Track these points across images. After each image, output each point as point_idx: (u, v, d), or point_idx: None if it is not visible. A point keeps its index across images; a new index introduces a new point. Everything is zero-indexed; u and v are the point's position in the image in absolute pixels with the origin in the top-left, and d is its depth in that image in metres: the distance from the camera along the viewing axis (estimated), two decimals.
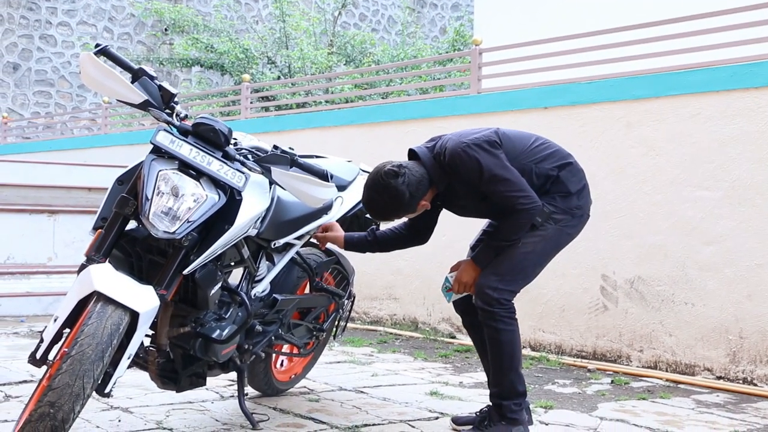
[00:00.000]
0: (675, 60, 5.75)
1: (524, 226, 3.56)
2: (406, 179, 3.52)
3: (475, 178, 3.53)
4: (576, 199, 3.69)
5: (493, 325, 3.57)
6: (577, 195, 3.69)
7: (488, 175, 3.51)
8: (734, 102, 5.08)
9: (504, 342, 3.58)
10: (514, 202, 3.51)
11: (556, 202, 3.64)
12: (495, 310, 3.56)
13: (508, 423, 3.60)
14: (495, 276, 3.59)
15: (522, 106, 6.22)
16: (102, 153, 10.60)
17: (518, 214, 3.53)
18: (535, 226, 3.60)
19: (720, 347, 5.10)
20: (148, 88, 3.23)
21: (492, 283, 3.58)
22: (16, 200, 7.56)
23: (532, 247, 3.61)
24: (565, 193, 3.66)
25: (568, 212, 3.66)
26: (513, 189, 3.51)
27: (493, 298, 3.56)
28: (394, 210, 3.59)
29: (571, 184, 3.68)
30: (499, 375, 3.63)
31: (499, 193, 3.53)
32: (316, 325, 4.32)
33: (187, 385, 3.53)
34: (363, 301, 7.21)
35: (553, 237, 3.64)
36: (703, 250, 5.18)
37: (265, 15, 18.38)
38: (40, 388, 2.81)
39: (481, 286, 3.60)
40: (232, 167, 3.20)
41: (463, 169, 3.54)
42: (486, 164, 3.51)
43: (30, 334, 6.43)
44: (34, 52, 16.30)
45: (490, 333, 3.59)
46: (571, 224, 3.69)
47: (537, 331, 6.01)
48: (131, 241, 3.24)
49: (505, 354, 3.59)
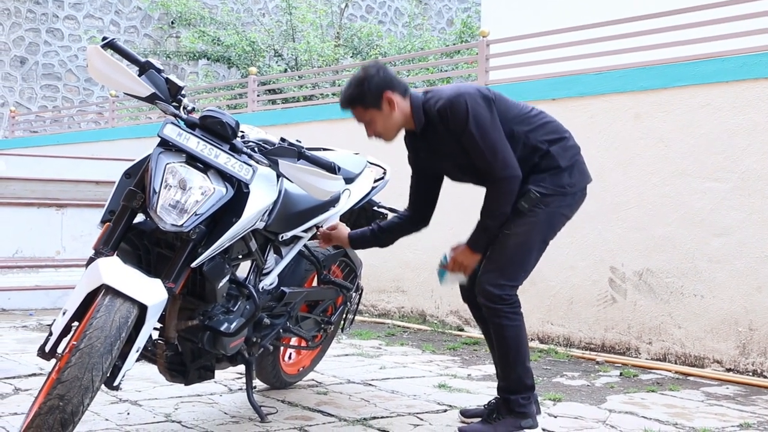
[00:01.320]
0: (684, 50, 5.72)
1: (506, 197, 3.47)
2: (384, 72, 3.55)
3: (460, 126, 3.46)
4: (568, 176, 3.59)
5: (498, 322, 3.58)
6: (568, 171, 3.60)
7: (474, 126, 3.43)
8: (744, 92, 5.06)
9: (509, 337, 3.58)
10: (487, 167, 3.45)
11: (546, 183, 3.54)
12: (498, 306, 3.56)
13: (517, 417, 3.60)
14: (495, 272, 3.56)
15: (530, 97, 6.18)
16: (109, 146, 10.62)
17: (497, 184, 3.47)
18: (523, 213, 3.53)
19: (730, 339, 5.08)
20: (156, 81, 3.23)
21: (493, 280, 3.56)
22: (24, 194, 7.57)
23: (525, 237, 3.56)
24: (555, 169, 3.56)
25: (560, 191, 3.57)
26: (486, 150, 3.45)
27: (495, 294, 3.55)
28: (358, 89, 3.54)
29: (562, 159, 3.58)
30: (506, 369, 3.63)
31: (478, 151, 3.45)
32: (324, 317, 4.32)
33: (195, 378, 3.53)
34: (371, 294, 7.21)
35: (546, 221, 3.58)
36: (713, 241, 5.16)
37: (271, 7, 18.36)
38: (50, 381, 2.82)
39: (483, 283, 3.58)
40: (239, 160, 3.19)
41: (451, 116, 3.47)
42: (474, 114, 3.44)
43: (39, 328, 6.45)
44: (41, 46, 16.31)
45: (495, 329, 3.60)
46: (565, 203, 3.61)
47: (545, 323, 6.00)
48: (139, 234, 3.24)
49: (511, 349, 3.59)
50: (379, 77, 3.54)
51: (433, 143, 3.64)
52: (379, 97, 3.53)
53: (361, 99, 3.56)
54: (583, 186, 3.68)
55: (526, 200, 3.52)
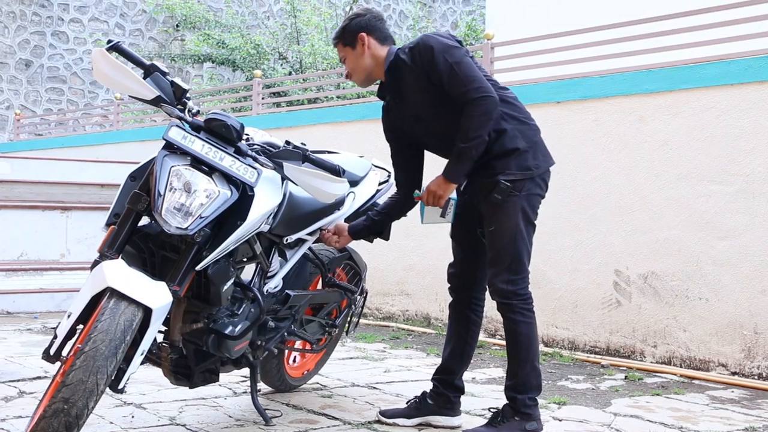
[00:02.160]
0: (688, 53, 5.71)
1: (481, 119, 3.43)
2: (370, 17, 3.70)
3: (428, 58, 3.48)
4: (531, 158, 3.58)
5: (512, 317, 3.57)
6: (531, 153, 3.59)
7: (445, 55, 3.46)
8: (748, 95, 5.05)
9: (521, 333, 3.57)
10: (464, 89, 3.43)
11: (512, 169, 3.53)
12: (513, 302, 3.56)
13: (522, 418, 3.56)
14: (502, 272, 3.56)
15: (534, 100, 6.18)
16: (114, 149, 10.63)
17: (469, 105, 3.43)
18: (501, 205, 3.53)
19: (735, 343, 5.07)
20: (160, 84, 3.23)
21: (503, 277, 3.56)
22: (29, 197, 7.58)
23: (513, 228, 3.55)
24: (515, 151, 3.55)
25: (528, 174, 3.55)
26: (466, 76, 3.44)
27: (509, 290, 3.56)
28: (341, 26, 3.72)
29: (519, 141, 3.57)
30: (515, 367, 3.61)
31: (452, 78, 3.45)
32: (328, 320, 4.31)
33: (199, 381, 3.53)
34: (375, 297, 7.21)
35: (525, 205, 3.57)
36: (717, 244, 5.15)
37: (276, 10, 18.37)
38: (54, 385, 2.82)
39: (495, 284, 3.58)
40: (244, 163, 3.20)
41: (423, 50, 3.50)
42: (444, 46, 3.48)
43: (43, 331, 6.45)
44: (47, 49, 16.34)
45: (509, 325, 3.59)
46: (535, 184, 3.60)
47: (550, 326, 5.99)
48: (144, 237, 3.24)
49: (522, 346, 3.57)
50: (363, 19, 3.70)
51: (400, 92, 3.67)
52: (355, 36, 3.67)
53: (340, 36, 3.73)
54: (547, 167, 3.67)
55: (498, 192, 3.51)
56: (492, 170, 3.54)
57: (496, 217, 3.56)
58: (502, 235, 3.55)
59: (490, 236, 3.60)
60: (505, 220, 3.55)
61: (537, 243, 5.97)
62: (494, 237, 3.58)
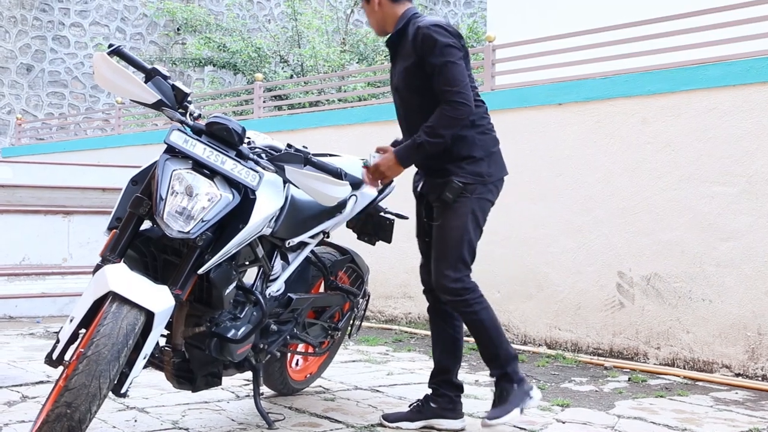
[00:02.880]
0: (690, 54, 5.70)
1: (451, 121, 3.58)
2: None
3: (429, 47, 3.61)
4: (486, 166, 3.73)
5: (470, 310, 3.71)
6: (486, 162, 3.73)
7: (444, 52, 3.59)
8: (751, 96, 5.04)
9: (485, 320, 3.71)
10: (447, 89, 3.58)
11: (466, 172, 3.69)
12: (464, 297, 3.69)
13: (519, 384, 3.72)
14: (448, 269, 3.69)
15: (536, 102, 6.19)
16: (116, 153, 10.63)
17: (446, 105, 3.58)
18: (451, 204, 3.67)
19: (738, 344, 5.06)
20: (162, 87, 3.23)
21: (449, 275, 3.68)
22: (30, 201, 7.58)
23: (461, 228, 3.68)
24: (471, 158, 3.70)
25: (479, 180, 3.71)
26: (453, 78, 3.58)
27: (457, 288, 3.68)
28: None
29: (476, 150, 3.72)
30: (493, 349, 3.75)
31: (439, 74, 3.59)
32: (331, 324, 4.31)
33: (202, 385, 3.52)
34: (378, 300, 7.20)
35: (475, 208, 3.71)
36: (721, 246, 5.14)
37: (277, 14, 18.38)
38: (57, 389, 2.82)
39: (441, 282, 3.71)
40: (246, 166, 3.19)
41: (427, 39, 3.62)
42: (446, 44, 3.61)
43: (46, 335, 6.45)
44: (48, 53, 16.35)
45: (470, 318, 3.72)
46: (487, 190, 3.75)
47: (553, 328, 5.99)
48: (146, 241, 3.24)
49: (490, 329, 3.73)
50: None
51: (396, 55, 3.83)
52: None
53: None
54: (500, 177, 3.83)
55: (450, 191, 3.67)
56: (446, 172, 3.70)
57: (445, 215, 3.72)
58: (450, 232, 3.71)
59: (436, 231, 3.76)
60: (453, 218, 3.70)
61: (539, 245, 6.02)
62: (440, 233, 3.74)
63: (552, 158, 6.03)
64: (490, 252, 6.36)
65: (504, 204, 6.31)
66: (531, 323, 6.12)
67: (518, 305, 6.18)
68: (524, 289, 6.15)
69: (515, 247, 6.20)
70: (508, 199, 6.36)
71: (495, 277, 6.30)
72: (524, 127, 6.24)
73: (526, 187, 6.17)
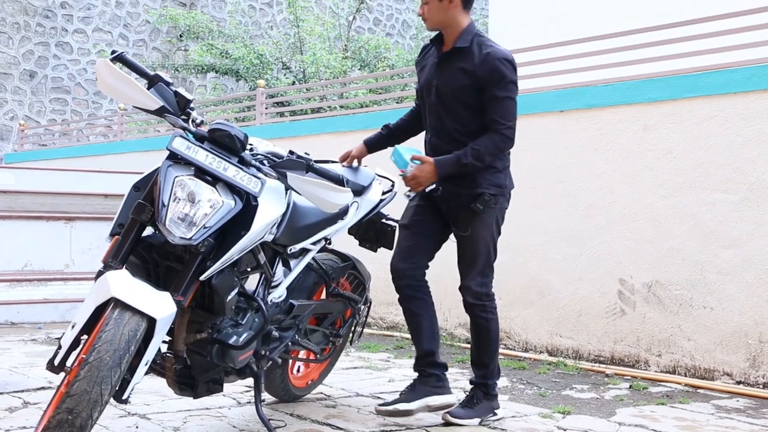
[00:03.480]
0: (692, 62, 5.71)
1: (497, 150, 3.86)
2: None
3: (495, 79, 3.81)
4: (504, 178, 4.00)
5: (485, 316, 4.03)
6: (504, 174, 4.00)
7: (510, 89, 3.85)
8: (752, 103, 5.05)
9: (493, 330, 4.05)
10: (502, 122, 3.84)
11: (488, 182, 3.93)
12: (486, 303, 4.03)
13: (490, 400, 4.08)
14: (477, 275, 4.01)
15: (537, 109, 6.19)
16: (118, 159, 10.64)
17: (498, 135, 3.84)
18: (479, 214, 3.93)
19: (740, 351, 5.06)
20: (164, 94, 3.24)
21: (478, 280, 4.01)
22: (33, 207, 7.58)
23: (488, 237, 3.99)
24: (493, 169, 3.95)
25: (500, 191, 3.98)
26: (510, 114, 3.86)
27: (483, 293, 4.02)
28: None
29: (499, 162, 3.96)
30: (487, 358, 4.06)
31: (499, 106, 3.83)
32: (332, 330, 4.31)
33: (204, 392, 3.52)
34: (379, 307, 7.20)
35: (499, 217, 4.03)
36: (722, 253, 5.14)
37: (279, 20, 18.42)
38: (58, 395, 2.82)
39: (470, 287, 4.02)
40: (248, 173, 3.20)
41: (497, 71, 3.81)
42: (513, 81, 3.87)
43: (47, 341, 6.45)
44: (51, 60, 16.39)
45: (482, 323, 4.04)
46: (505, 201, 4.05)
47: (554, 335, 5.98)
48: (148, 247, 3.25)
49: (493, 341, 4.07)
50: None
51: (447, 63, 3.96)
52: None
53: None
54: (511, 189, 4.10)
55: (480, 202, 3.91)
56: (472, 182, 3.92)
57: (473, 224, 3.97)
58: (478, 241, 3.98)
59: (464, 240, 4.02)
60: (481, 228, 3.97)
61: (541, 252, 6.03)
62: (469, 242, 4.00)
63: (554, 165, 6.04)
64: None
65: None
66: (532, 330, 6.12)
67: (519, 312, 6.18)
68: (525, 296, 6.15)
69: (517, 254, 6.20)
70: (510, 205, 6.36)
71: (496, 283, 6.24)
72: (526, 135, 6.22)
73: (528, 194, 6.17)
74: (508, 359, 5.85)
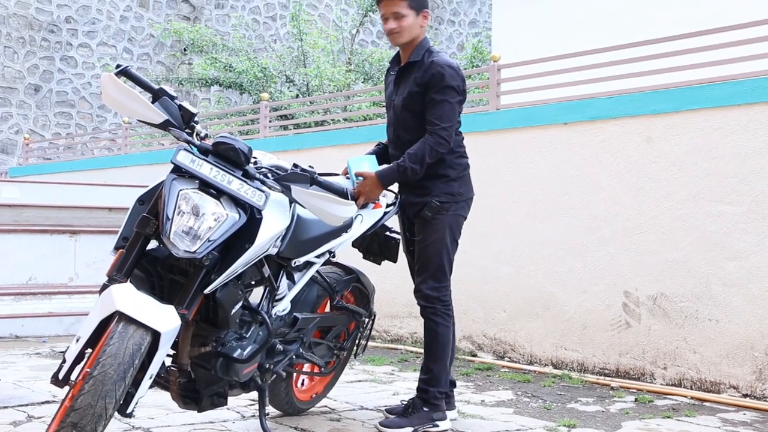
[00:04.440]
0: (696, 74, 5.70)
1: (432, 153, 3.97)
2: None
3: (434, 83, 3.98)
4: (457, 186, 4.13)
5: (434, 320, 4.10)
6: (458, 182, 4.13)
7: (447, 95, 3.98)
8: (757, 115, 5.04)
9: (440, 334, 4.10)
10: (436, 124, 3.97)
11: (440, 189, 4.07)
12: (436, 306, 4.10)
13: (431, 409, 4.07)
14: (428, 279, 4.09)
15: (541, 121, 6.20)
16: (122, 173, 10.66)
17: (432, 137, 3.97)
18: (429, 221, 4.06)
19: (746, 364, 5.04)
20: (169, 107, 3.25)
21: (429, 284, 4.09)
22: (37, 221, 7.59)
23: (439, 242, 4.08)
24: (445, 177, 4.09)
25: (452, 198, 4.10)
26: (445, 116, 3.98)
27: (433, 296, 4.09)
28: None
29: (451, 170, 4.11)
30: (430, 364, 4.12)
31: (435, 108, 3.98)
32: (336, 343, 4.31)
33: (208, 405, 3.51)
34: (383, 320, 7.19)
35: (451, 224, 4.11)
36: (727, 265, 5.13)
37: (283, 34, 18.46)
38: (63, 409, 2.81)
39: (421, 290, 4.11)
40: (252, 186, 3.20)
41: (438, 77, 3.98)
42: (453, 88, 3.99)
43: (52, 355, 6.45)
44: (55, 74, 16.44)
45: (430, 326, 4.11)
46: (459, 207, 4.15)
47: (559, 348, 5.97)
48: (152, 260, 3.25)
49: (439, 345, 4.10)
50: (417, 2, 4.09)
51: (402, 76, 4.16)
52: (422, 8, 4.10)
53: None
54: (469, 196, 4.23)
55: (429, 209, 4.06)
56: (424, 190, 4.08)
57: (425, 231, 4.11)
58: (429, 246, 4.09)
59: (418, 246, 4.16)
60: (432, 234, 4.09)
61: (545, 264, 6.02)
62: (421, 248, 4.12)
63: (557, 177, 6.04)
64: (495, 271, 6.36)
65: (510, 223, 6.34)
66: (537, 343, 6.11)
67: (524, 325, 6.17)
68: (530, 309, 6.14)
69: (521, 267, 6.19)
70: (514, 218, 6.38)
71: (501, 296, 6.29)
72: (530, 147, 6.25)
73: (532, 206, 6.17)
74: (512, 372, 5.83)
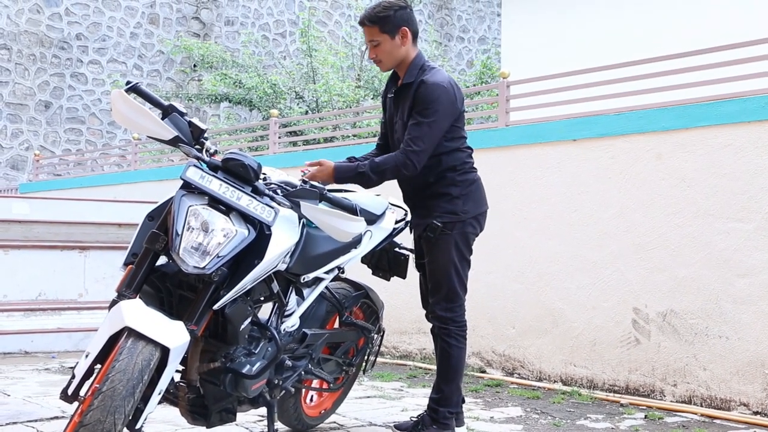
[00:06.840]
0: (705, 90, 5.71)
1: (395, 170, 3.90)
2: (410, 11, 3.99)
3: (417, 103, 3.89)
4: (461, 204, 4.04)
5: (447, 341, 4.06)
6: (462, 200, 4.04)
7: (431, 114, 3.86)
8: (766, 132, 5.03)
9: (453, 356, 4.06)
10: (408, 144, 3.87)
11: (441, 209, 4.01)
12: (450, 327, 4.05)
13: (440, 428, 4.05)
14: (441, 300, 4.05)
15: (550, 138, 6.20)
16: (132, 189, 10.69)
17: (401, 155, 3.88)
18: (434, 242, 4.01)
19: (756, 381, 5.01)
20: (178, 124, 3.26)
21: (441, 305, 4.05)
22: (47, 237, 7.62)
23: (447, 262, 4.02)
24: (447, 196, 4.02)
25: (455, 218, 4.02)
26: (419, 138, 3.86)
27: (446, 317, 4.05)
28: (383, 12, 3.92)
29: (453, 188, 4.03)
30: (442, 384, 4.09)
31: (412, 127, 3.88)
32: (345, 359, 4.30)
33: (217, 421, 3.51)
34: (392, 336, 7.18)
35: (458, 242, 4.03)
36: (737, 282, 5.11)
37: (292, 50, 18.54)
38: (72, 425, 2.82)
39: (434, 311, 4.08)
40: (261, 202, 3.21)
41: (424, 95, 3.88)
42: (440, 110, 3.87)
43: (61, 370, 6.45)
44: (66, 90, 16.53)
45: (442, 346, 4.07)
46: (467, 225, 4.05)
47: (568, 365, 5.95)
48: (162, 276, 3.25)
49: (452, 367, 4.07)
50: (405, 13, 3.97)
51: (399, 96, 4.08)
52: (398, 28, 3.94)
53: (382, 21, 3.92)
54: (477, 213, 4.11)
55: (431, 230, 4.01)
56: (426, 210, 4.05)
57: (431, 252, 4.07)
58: (438, 268, 4.05)
59: (427, 267, 4.12)
60: (439, 255, 4.04)
61: (554, 281, 6.00)
62: (431, 269, 4.08)
63: (567, 194, 6.03)
64: (504, 287, 6.35)
65: (519, 239, 6.33)
66: (546, 359, 6.09)
67: (533, 341, 6.15)
68: (539, 325, 6.12)
69: (530, 283, 6.18)
70: (523, 234, 6.37)
71: (510, 312, 6.28)
72: (539, 163, 6.25)
73: (541, 222, 6.16)
74: (521, 388, 5.82)
